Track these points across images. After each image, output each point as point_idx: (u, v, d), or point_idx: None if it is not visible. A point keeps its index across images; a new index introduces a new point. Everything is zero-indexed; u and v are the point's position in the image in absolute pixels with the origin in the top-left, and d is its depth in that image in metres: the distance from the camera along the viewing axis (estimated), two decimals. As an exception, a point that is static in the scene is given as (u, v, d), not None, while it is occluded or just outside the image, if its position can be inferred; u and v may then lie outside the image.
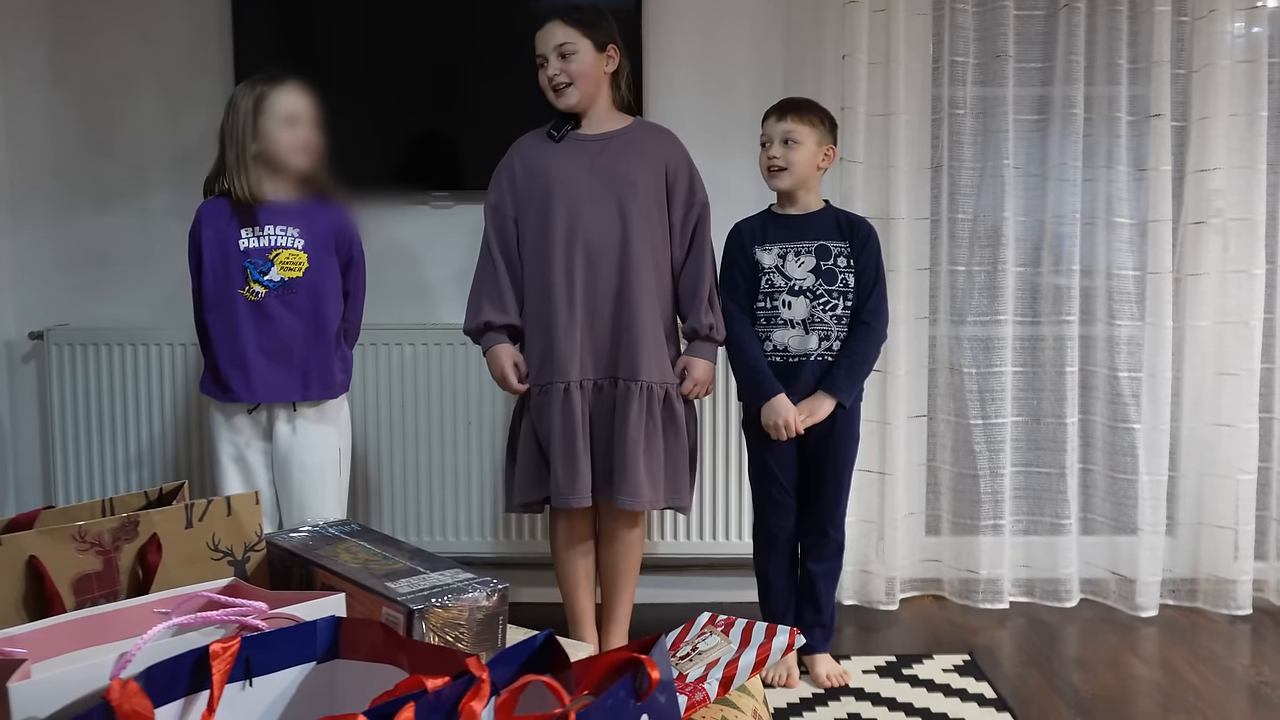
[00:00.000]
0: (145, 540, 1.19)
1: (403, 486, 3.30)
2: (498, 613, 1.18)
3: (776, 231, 2.76)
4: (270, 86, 2.58)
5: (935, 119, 3.33)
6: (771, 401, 2.71)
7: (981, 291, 3.32)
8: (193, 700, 0.96)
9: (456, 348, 3.25)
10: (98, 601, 1.15)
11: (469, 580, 1.18)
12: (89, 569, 1.16)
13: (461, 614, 1.14)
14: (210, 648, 0.96)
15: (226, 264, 2.57)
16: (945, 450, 3.41)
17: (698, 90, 3.32)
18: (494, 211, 2.73)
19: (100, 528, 1.16)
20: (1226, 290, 3.28)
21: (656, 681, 0.92)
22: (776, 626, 1.33)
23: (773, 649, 1.28)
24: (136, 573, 1.19)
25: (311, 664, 1.03)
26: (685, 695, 1.24)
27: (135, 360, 3.27)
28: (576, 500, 2.66)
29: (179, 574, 1.19)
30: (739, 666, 1.25)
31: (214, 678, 0.95)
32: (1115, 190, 3.28)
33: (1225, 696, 2.73)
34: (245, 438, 2.63)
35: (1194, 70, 3.26)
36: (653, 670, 0.92)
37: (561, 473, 2.65)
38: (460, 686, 0.89)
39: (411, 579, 1.18)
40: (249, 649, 0.99)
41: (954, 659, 2.95)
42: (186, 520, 1.21)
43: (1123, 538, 3.34)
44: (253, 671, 0.99)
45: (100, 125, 3.35)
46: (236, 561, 1.24)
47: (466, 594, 1.15)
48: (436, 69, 3.29)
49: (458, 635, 1.14)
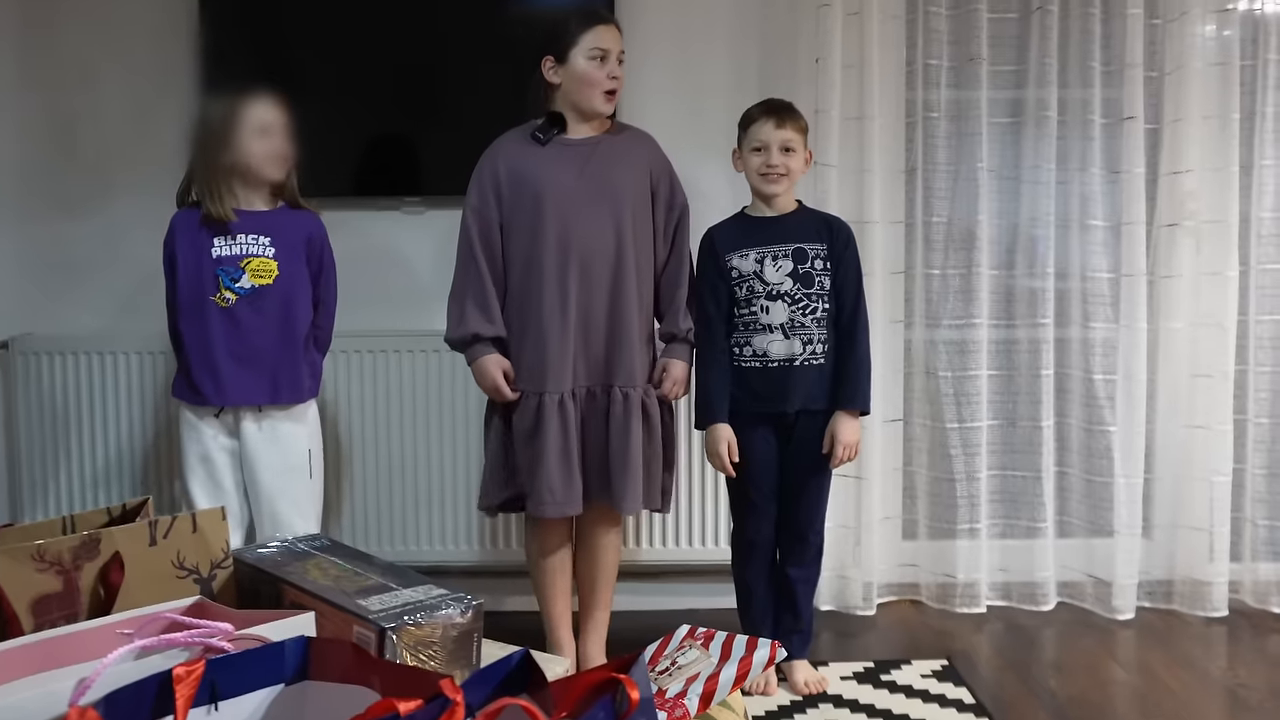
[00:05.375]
0: (107, 559, 1.15)
1: (375, 495, 3.26)
2: (472, 630, 1.15)
3: (752, 235, 2.74)
4: (242, 98, 2.60)
5: (909, 122, 3.33)
6: (714, 428, 2.72)
7: (956, 295, 3.32)
8: (156, 727, 0.93)
9: (429, 354, 3.21)
10: (57, 623, 1.12)
11: (443, 597, 1.15)
12: (48, 589, 1.12)
13: (435, 632, 1.11)
14: (174, 671, 0.93)
15: (200, 272, 2.59)
16: (921, 454, 3.40)
17: (672, 93, 3.30)
18: (476, 214, 2.69)
19: (60, 547, 1.12)
20: (1200, 292, 3.29)
21: (637, 702, 0.90)
22: (757, 640, 1.31)
23: (754, 663, 1.25)
24: (98, 593, 1.15)
25: (280, 686, 1.00)
26: (665, 711, 1.21)
27: (102, 368, 3.21)
28: (571, 509, 2.65)
29: (142, 594, 1.16)
30: (719, 681, 1.22)
31: (178, 703, 0.92)
32: (1089, 193, 3.28)
33: (1202, 700, 2.73)
34: (213, 439, 2.63)
35: (1166, 73, 3.26)
36: (633, 690, 0.90)
37: (558, 482, 2.62)
38: (434, 710, 0.86)
39: (383, 596, 1.15)
40: (214, 672, 0.96)
41: (932, 664, 2.93)
42: (150, 538, 1.17)
43: (1099, 540, 3.34)
44: (218, 695, 0.96)
45: (65, 132, 3.29)
46: (202, 579, 1.20)
47: (440, 611, 1.12)
48: (406, 74, 3.25)
49: (431, 654, 1.11)
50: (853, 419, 2.72)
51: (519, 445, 2.68)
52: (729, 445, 2.71)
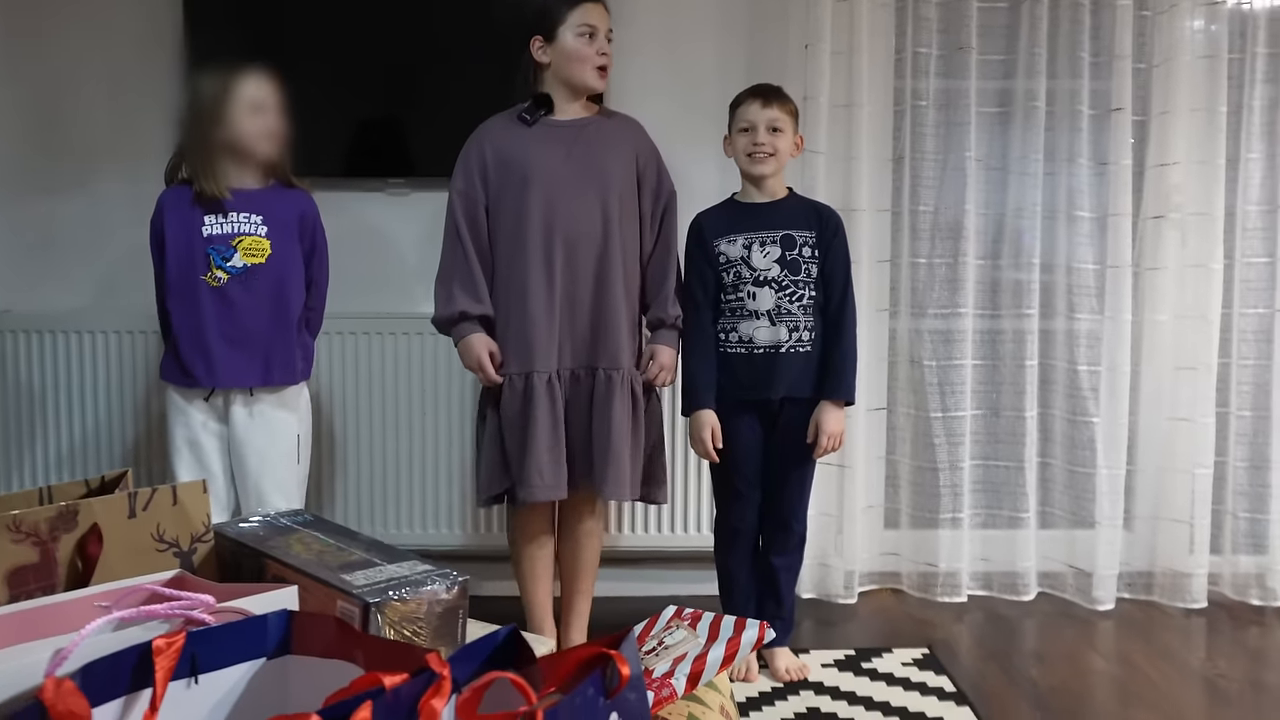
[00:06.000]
0: (85, 530, 1.13)
1: (357, 478, 3.23)
2: (458, 606, 1.13)
3: (740, 221, 2.73)
4: (236, 74, 2.55)
5: (898, 110, 3.32)
6: (698, 415, 2.71)
7: (942, 284, 3.31)
8: (134, 699, 0.91)
9: (413, 337, 3.19)
10: (34, 595, 1.10)
11: (428, 573, 1.13)
12: (25, 560, 1.10)
13: (420, 608, 1.09)
14: (153, 643, 0.91)
15: (190, 251, 2.54)
16: (905, 443, 3.40)
17: (660, 79, 3.28)
18: (463, 197, 2.67)
19: (37, 517, 1.10)
20: (1185, 285, 3.29)
21: (627, 678, 0.89)
22: (745, 620, 1.29)
23: (742, 643, 1.24)
24: (76, 565, 1.13)
25: (261, 660, 0.98)
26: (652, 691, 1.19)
27: (80, 348, 3.18)
28: (557, 493, 2.64)
29: (121, 566, 1.14)
30: (707, 662, 1.21)
31: (157, 675, 0.90)
32: (1076, 184, 3.28)
33: (1181, 690, 2.73)
34: (201, 423, 2.59)
35: (1155, 65, 3.26)
36: (623, 666, 0.88)
37: (547, 465, 2.61)
38: (420, 684, 0.85)
39: (368, 571, 1.13)
40: (194, 645, 0.94)
41: (913, 652, 2.93)
42: (129, 510, 1.15)
43: (1080, 531, 3.34)
44: (199, 668, 0.94)
45: (48, 109, 3.25)
46: (182, 553, 1.18)
47: (425, 587, 1.10)
48: (392, 55, 3.22)
49: (416, 630, 1.10)
50: (837, 409, 2.71)
51: (508, 430, 2.66)
52: (713, 431, 2.70)
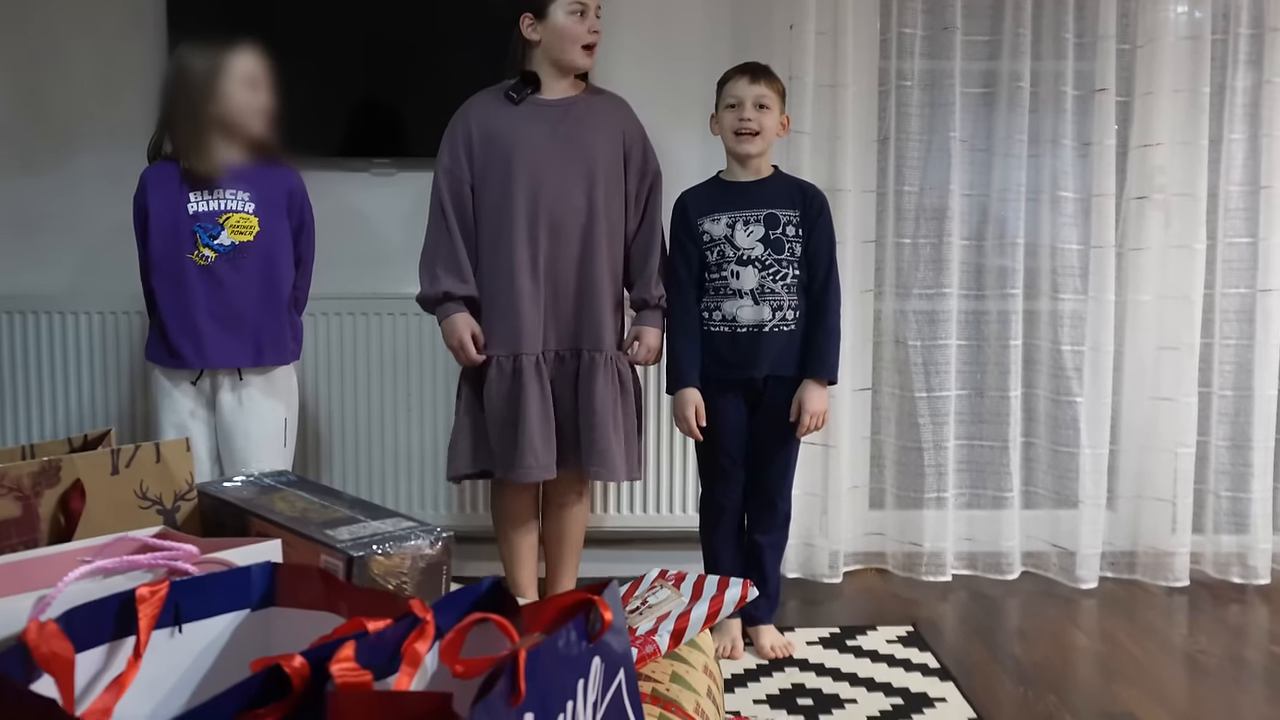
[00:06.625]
0: (68, 486, 1.13)
1: (342, 459, 3.23)
2: (442, 562, 1.13)
3: (724, 200, 2.73)
4: (228, 49, 2.51)
5: (882, 90, 3.32)
6: (682, 393, 2.71)
7: (927, 265, 3.32)
8: (117, 646, 0.90)
9: (398, 317, 3.19)
10: (16, 549, 1.09)
11: (412, 528, 1.14)
12: (7, 515, 1.10)
13: (404, 562, 1.10)
14: (137, 591, 0.90)
15: (176, 229, 2.49)
16: (890, 423, 3.41)
17: (645, 59, 3.27)
18: (448, 174, 2.67)
19: (19, 471, 1.10)
20: (1168, 265, 3.30)
21: (609, 623, 0.89)
22: (729, 579, 1.30)
23: (725, 601, 1.24)
24: (58, 520, 1.12)
25: (246, 611, 0.98)
26: (635, 648, 1.20)
27: (65, 328, 3.16)
28: (544, 474, 2.64)
29: (104, 523, 1.13)
30: (690, 619, 1.22)
31: (140, 622, 0.90)
32: (1060, 165, 3.29)
33: (1163, 665, 2.75)
34: (189, 406, 2.57)
35: (1139, 46, 3.27)
36: (605, 611, 0.88)
37: (540, 444, 2.61)
38: (403, 627, 0.85)
39: (352, 527, 1.13)
40: (178, 594, 0.94)
41: (897, 630, 2.94)
42: (112, 466, 1.15)
43: (1064, 511, 3.36)
44: (182, 618, 0.94)
45: (27, 89, 3.23)
46: (166, 510, 1.18)
47: (409, 541, 1.11)
48: (378, 33, 3.21)
49: (400, 585, 1.10)
50: (820, 388, 2.71)
51: (494, 411, 2.65)
52: (696, 409, 2.70)
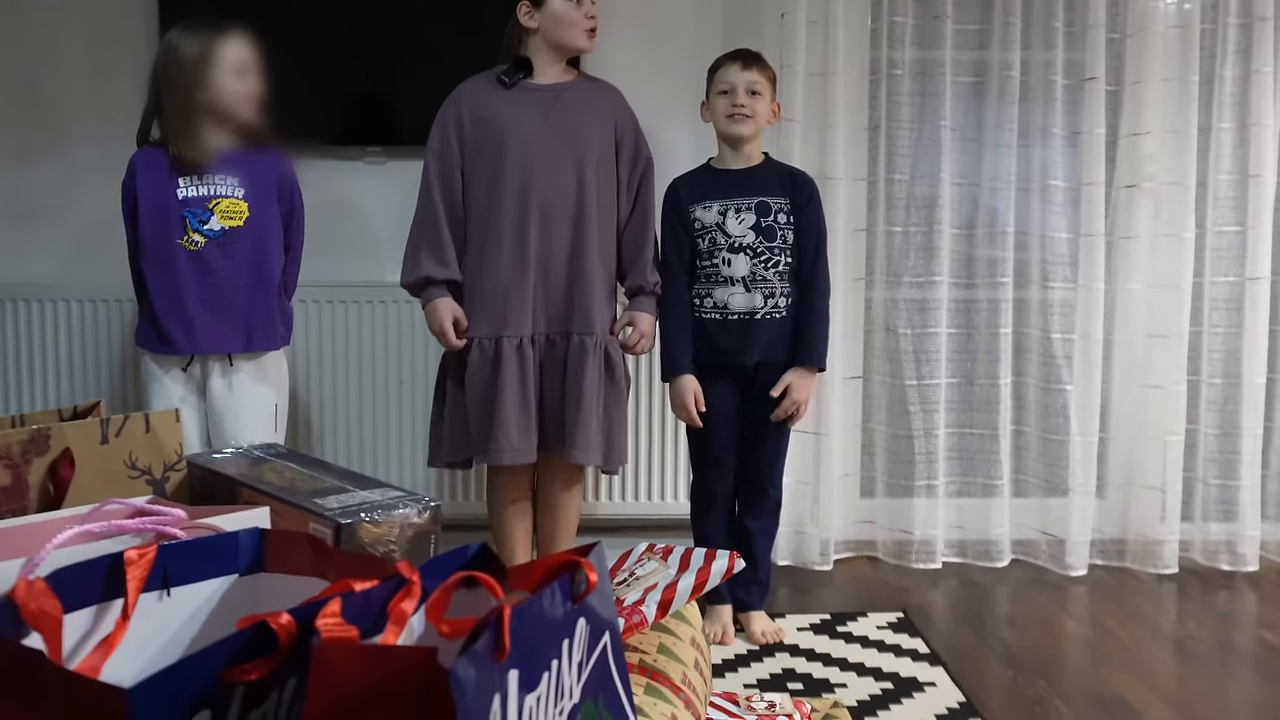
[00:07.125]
0: (57, 455, 1.13)
1: (333, 445, 3.24)
2: (430, 531, 1.14)
3: (716, 187, 2.73)
4: (219, 35, 2.50)
5: (873, 79, 3.33)
6: (679, 380, 2.71)
7: (917, 253, 3.33)
8: (106, 608, 0.91)
9: (388, 305, 3.19)
10: (4, 516, 1.09)
11: (400, 497, 1.14)
12: (-4, 482, 1.10)
13: (392, 530, 1.10)
14: (125, 554, 0.91)
15: (165, 214, 2.49)
16: (880, 412, 3.42)
17: (636, 47, 3.28)
18: (438, 158, 2.67)
19: (9, 439, 1.10)
20: (1157, 254, 3.32)
21: (594, 584, 0.89)
22: (716, 551, 1.31)
23: (712, 572, 1.25)
24: (47, 489, 1.13)
25: (234, 576, 0.98)
26: (622, 618, 1.21)
27: (56, 316, 3.16)
28: (520, 457, 2.63)
29: (93, 492, 1.14)
30: (678, 590, 1.22)
31: (129, 585, 0.90)
32: (1050, 154, 3.30)
33: (1151, 650, 2.76)
34: (180, 391, 2.57)
35: (1128, 35, 3.28)
36: (590, 573, 0.89)
37: (515, 428, 2.61)
38: (390, 587, 0.85)
39: (340, 496, 1.14)
40: (167, 558, 0.94)
41: (888, 616, 2.95)
42: (102, 436, 1.15)
43: (1054, 499, 3.37)
44: (171, 581, 0.95)
45: (18, 77, 3.22)
46: (155, 480, 1.18)
47: (397, 510, 1.11)
48: (368, 22, 3.21)
49: (388, 552, 1.10)
50: (809, 375, 2.72)
51: (473, 394, 2.66)
52: (695, 396, 2.70)
